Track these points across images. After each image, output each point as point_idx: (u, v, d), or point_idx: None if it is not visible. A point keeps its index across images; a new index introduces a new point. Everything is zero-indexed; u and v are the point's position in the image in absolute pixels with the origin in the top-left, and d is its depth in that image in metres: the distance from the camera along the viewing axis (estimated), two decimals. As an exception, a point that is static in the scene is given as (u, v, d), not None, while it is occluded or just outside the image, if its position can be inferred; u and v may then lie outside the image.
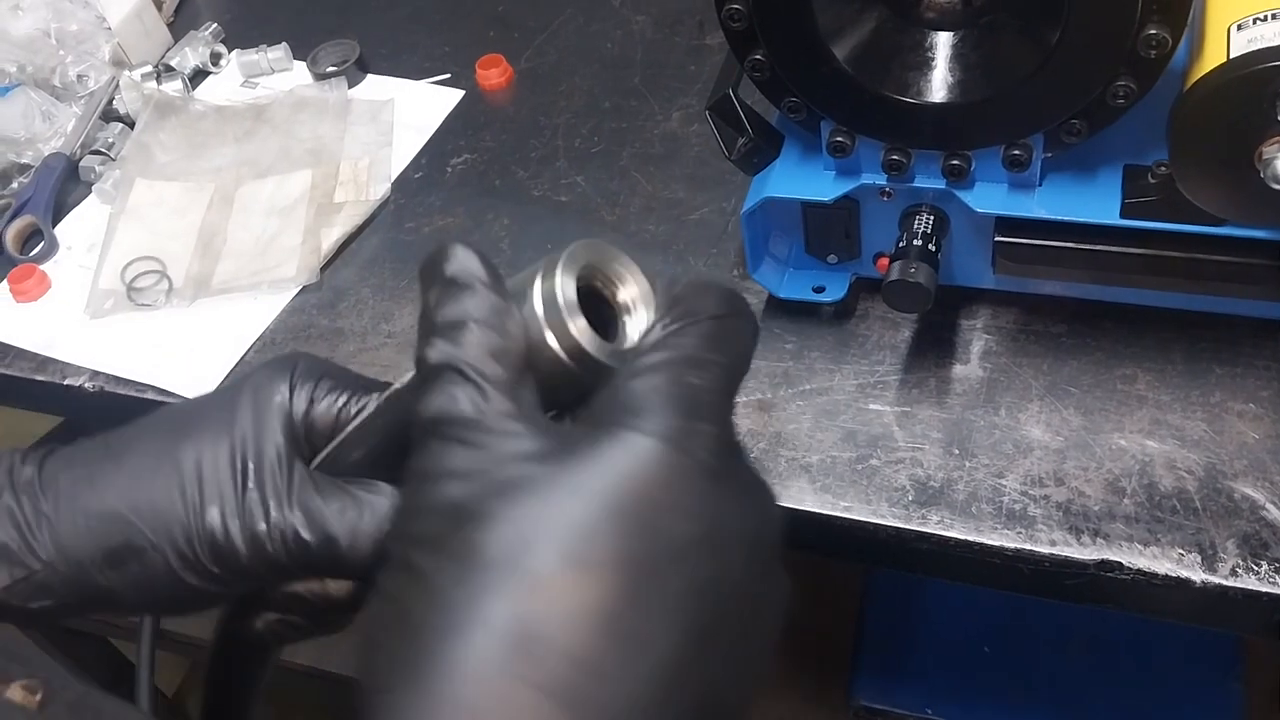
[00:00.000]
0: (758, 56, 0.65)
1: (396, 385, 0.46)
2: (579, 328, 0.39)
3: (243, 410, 0.48)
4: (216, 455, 0.46)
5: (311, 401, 0.48)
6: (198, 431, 0.47)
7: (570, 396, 0.40)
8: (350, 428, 0.48)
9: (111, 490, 0.46)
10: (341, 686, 1.28)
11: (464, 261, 0.40)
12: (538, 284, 0.39)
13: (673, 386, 0.35)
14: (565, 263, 0.40)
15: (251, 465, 0.46)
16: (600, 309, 0.41)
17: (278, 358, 0.50)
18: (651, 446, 0.33)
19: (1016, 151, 0.64)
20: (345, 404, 0.48)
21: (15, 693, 0.39)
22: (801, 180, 0.70)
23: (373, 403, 0.48)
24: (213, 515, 0.45)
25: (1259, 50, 0.54)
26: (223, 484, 0.46)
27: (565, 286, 0.39)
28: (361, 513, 0.46)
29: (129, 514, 0.46)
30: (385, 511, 0.46)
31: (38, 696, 0.40)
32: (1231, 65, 0.55)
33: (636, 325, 0.41)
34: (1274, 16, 0.55)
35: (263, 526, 0.45)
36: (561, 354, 0.39)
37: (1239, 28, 0.56)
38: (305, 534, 0.45)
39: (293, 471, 0.46)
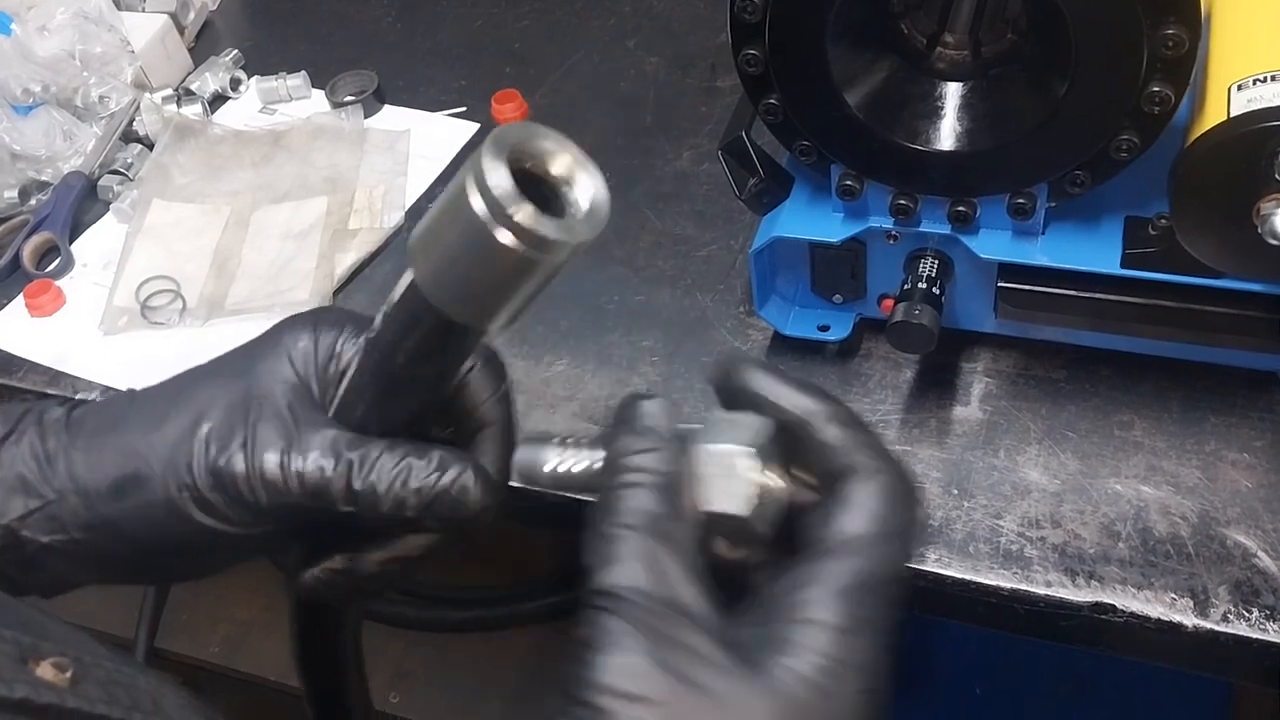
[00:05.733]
0: (772, 100, 0.66)
1: (368, 335, 0.46)
2: (526, 213, 0.38)
3: (264, 356, 0.50)
4: (231, 393, 0.48)
5: (337, 349, 0.50)
6: (217, 375, 0.50)
7: (534, 285, 0.40)
8: (343, 385, 0.48)
9: (128, 426, 0.49)
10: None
11: (654, 414, 0.44)
12: (470, 182, 0.38)
13: (840, 618, 0.39)
14: (490, 152, 0.38)
15: (267, 403, 0.48)
16: (538, 188, 0.40)
17: (304, 312, 0.52)
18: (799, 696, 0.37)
19: (1021, 200, 0.66)
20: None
21: (46, 670, 0.40)
22: (810, 221, 0.71)
23: (356, 356, 0.48)
24: (218, 444, 0.47)
25: (1258, 110, 0.56)
26: (234, 419, 0.48)
27: (498, 175, 0.38)
28: (364, 458, 0.47)
29: (140, 446, 0.48)
30: (378, 466, 0.47)
31: (68, 674, 0.40)
32: (1232, 124, 0.57)
33: (583, 192, 0.41)
34: (1273, 78, 0.57)
35: (273, 455, 0.46)
36: (519, 246, 0.38)
37: (1239, 88, 0.58)
38: (323, 460, 0.47)
39: (310, 410, 0.48)
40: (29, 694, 0.38)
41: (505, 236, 0.38)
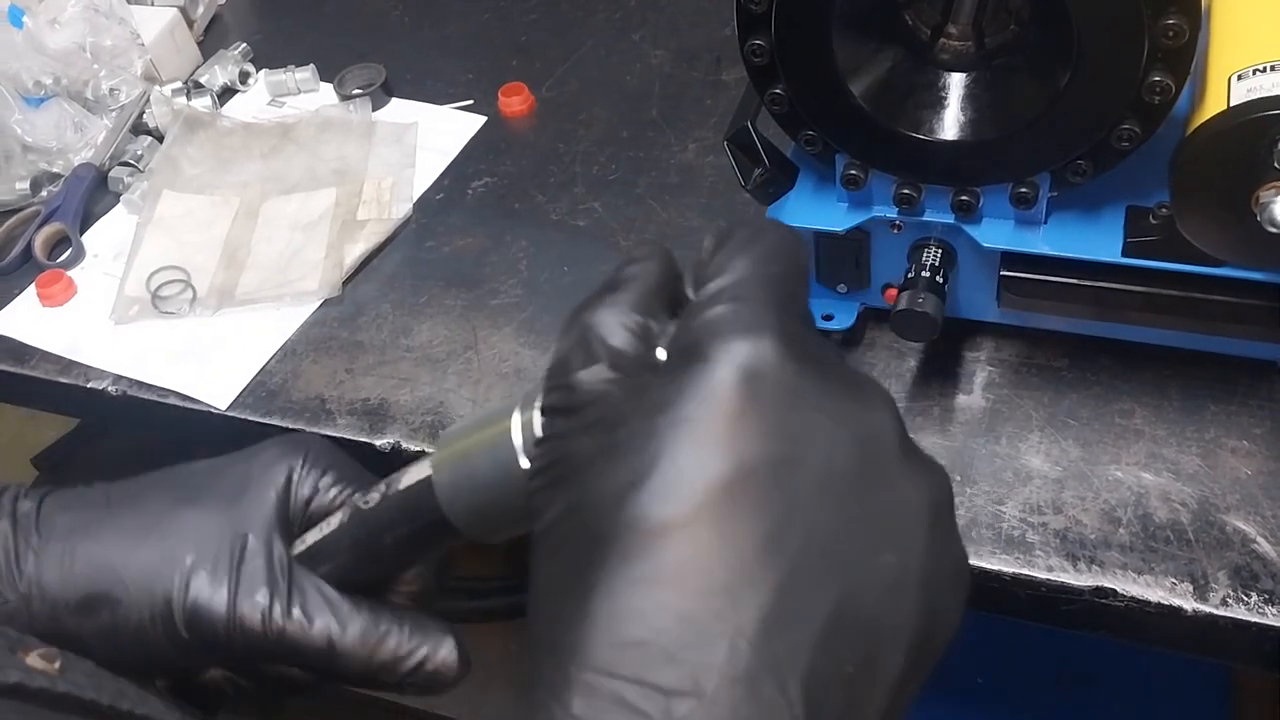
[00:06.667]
0: (777, 91, 0.67)
1: (360, 504, 0.47)
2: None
3: (252, 486, 0.49)
4: (217, 526, 0.47)
5: (316, 490, 0.50)
6: (203, 500, 0.48)
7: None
8: (321, 536, 0.48)
9: (104, 537, 0.47)
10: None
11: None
12: (521, 403, 0.40)
13: (756, 294, 0.34)
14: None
15: (253, 543, 0.47)
16: None
17: (292, 439, 0.51)
18: (757, 352, 0.32)
19: (1024, 189, 0.66)
20: (347, 498, 0.49)
21: (35, 660, 0.41)
22: (815, 211, 0.72)
23: (339, 515, 0.48)
24: (200, 580, 0.46)
25: (1258, 99, 0.57)
26: (219, 555, 0.46)
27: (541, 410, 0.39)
28: (349, 621, 0.47)
29: (117, 564, 0.46)
30: (363, 632, 0.47)
31: (56, 664, 0.41)
32: (1231, 113, 0.57)
33: None
34: (1273, 68, 0.57)
35: (258, 603, 0.46)
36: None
37: (1239, 78, 0.58)
38: (304, 620, 0.46)
39: (289, 560, 0.48)
40: (23, 679, 0.39)
41: (527, 465, 0.39)
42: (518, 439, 0.39)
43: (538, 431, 0.38)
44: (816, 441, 0.32)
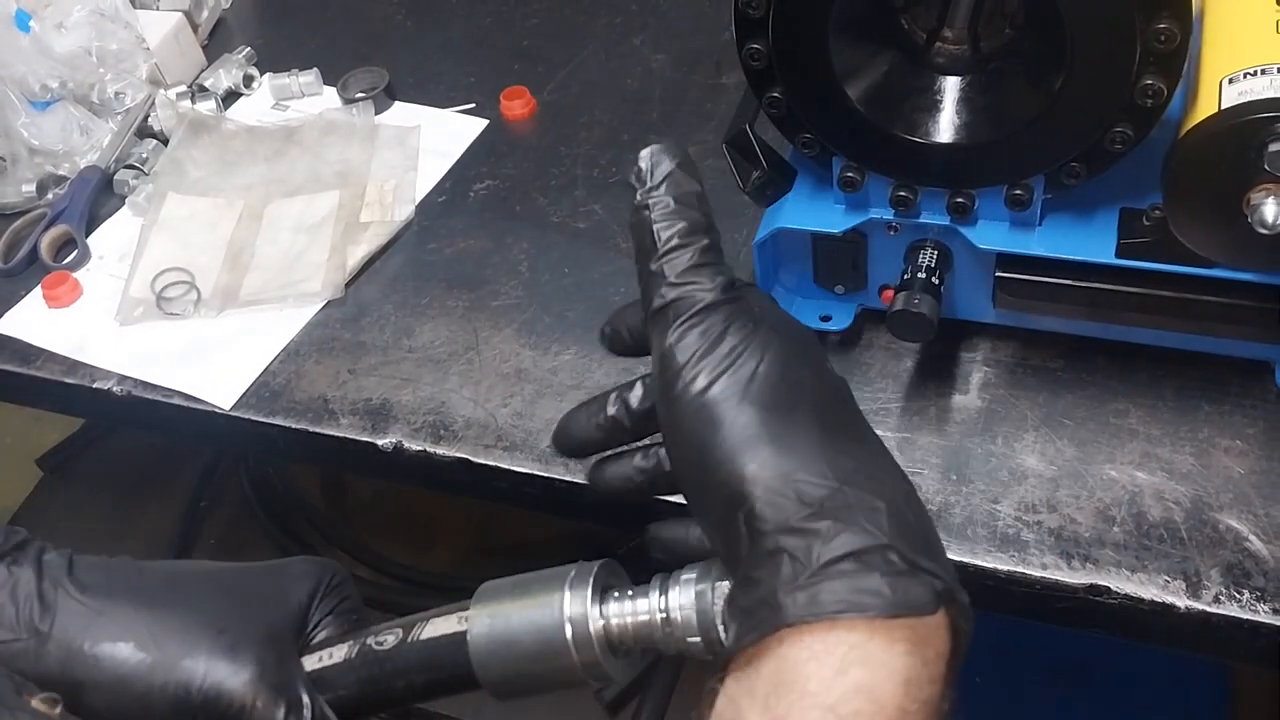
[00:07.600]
0: (775, 94, 0.68)
1: (374, 644, 0.48)
2: (598, 629, 0.43)
3: (282, 594, 0.52)
4: (244, 617, 0.49)
5: (330, 613, 0.53)
6: (236, 591, 0.51)
7: (562, 685, 0.44)
8: (323, 665, 0.50)
9: (135, 601, 0.49)
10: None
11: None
12: (576, 578, 0.44)
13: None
14: (605, 569, 0.43)
15: (280, 645, 0.49)
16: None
17: (319, 560, 0.54)
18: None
19: (1018, 191, 0.67)
20: (353, 630, 0.52)
21: (38, 704, 0.42)
22: (812, 213, 0.73)
23: (344, 648, 0.49)
24: (224, 666, 0.47)
25: (1249, 102, 0.58)
26: (248, 645, 0.48)
27: (592, 594, 0.43)
28: None
29: (141, 627, 0.48)
30: None
31: (57, 710, 0.43)
32: (1223, 116, 0.58)
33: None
34: (1263, 72, 0.58)
35: (279, 706, 0.47)
36: (576, 654, 0.43)
37: (1230, 81, 0.59)
38: None
39: (308, 676, 0.50)
40: None
41: (569, 634, 0.42)
42: (567, 613, 0.42)
43: (588, 612, 0.42)
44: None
